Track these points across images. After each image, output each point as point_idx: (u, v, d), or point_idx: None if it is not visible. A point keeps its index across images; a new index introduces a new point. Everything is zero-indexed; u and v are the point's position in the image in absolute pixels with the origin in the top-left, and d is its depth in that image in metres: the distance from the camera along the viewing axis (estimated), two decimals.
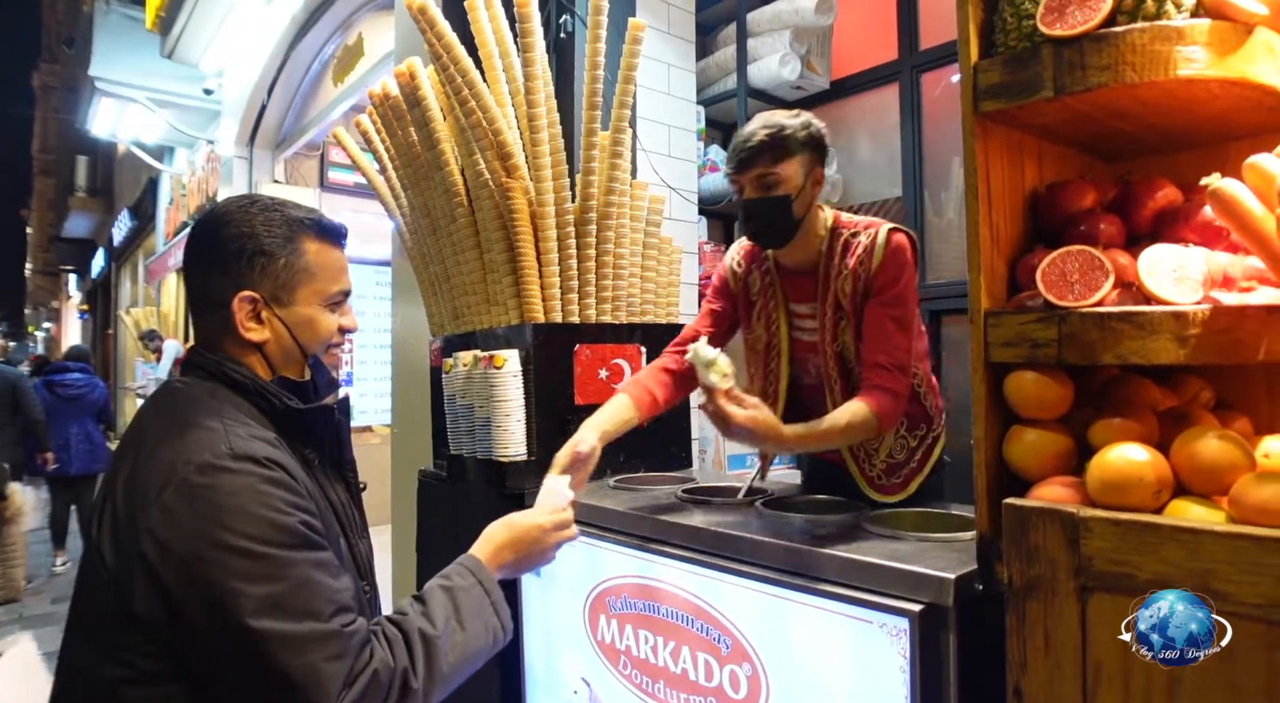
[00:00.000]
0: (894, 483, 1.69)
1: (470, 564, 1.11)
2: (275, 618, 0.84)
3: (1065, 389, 1.11)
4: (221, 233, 1.01)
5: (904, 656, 1.15)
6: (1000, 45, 1.13)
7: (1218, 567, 0.88)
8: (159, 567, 0.84)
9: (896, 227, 1.59)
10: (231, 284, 1.00)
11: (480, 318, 2.28)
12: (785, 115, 1.59)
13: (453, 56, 2.05)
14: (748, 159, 1.56)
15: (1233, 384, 1.28)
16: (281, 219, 1.03)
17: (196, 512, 0.85)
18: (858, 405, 1.49)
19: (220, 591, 0.83)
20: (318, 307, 1.06)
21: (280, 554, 0.86)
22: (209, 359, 1.02)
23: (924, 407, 1.71)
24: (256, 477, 0.89)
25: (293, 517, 0.89)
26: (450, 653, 0.99)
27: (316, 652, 0.85)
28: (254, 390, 1.00)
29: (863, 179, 3.58)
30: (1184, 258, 1.02)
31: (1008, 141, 1.20)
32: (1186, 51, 0.99)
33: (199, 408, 0.96)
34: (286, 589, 0.85)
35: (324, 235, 1.07)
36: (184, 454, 0.89)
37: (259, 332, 1.02)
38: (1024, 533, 1.04)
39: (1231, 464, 0.95)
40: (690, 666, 1.51)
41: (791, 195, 1.55)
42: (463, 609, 1.03)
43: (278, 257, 1.02)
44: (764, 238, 1.65)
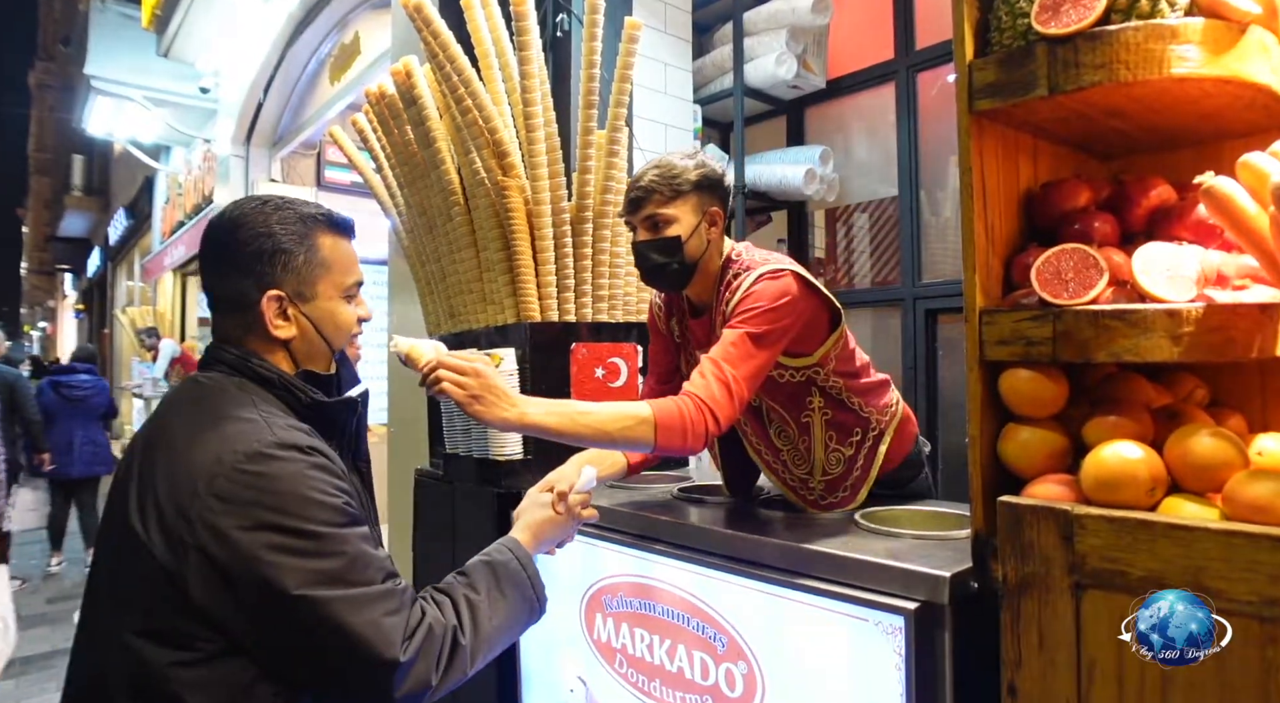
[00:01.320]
0: (841, 497, 1.61)
1: (509, 542, 1.21)
2: (337, 587, 0.90)
3: (1060, 387, 1.11)
4: (239, 234, 1.04)
5: (899, 653, 1.15)
6: (995, 44, 1.13)
7: (1211, 564, 0.88)
8: (217, 554, 0.88)
9: (773, 269, 1.47)
10: (256, 284, 1.03)
11: (476, 317, 2.28)
12: (681, 155, 1.55)
13: (449, 55, 2.05)
14: (636, 200, 1.54)
15: (1226, 382, 1.28)
16: (295, 216, 1.06)
17: (250, 499, 0.89)
18: (636, 407, 1.36)
19: (281, 569, 0.88)
20: (337, 299, 1.10)
21: (334, 532, 0.92)
22: (232, 354, 1.04)
23: (856, 414, 1.61)
24: (303, 463, 0.94)
25: (338, 498, 0.95)
26: (493, 617, 1.07)
27: (377, 608, 0.92)
28: (280, 385, 1.04)
29: (859, 178, 3.59)
30: (1178, 256, 1.02)
31: (1003, 140, 1.20)
32: (1180, 50, 0.99)
33: (230, 401, 0.99)
34: (344, 564, 0.92)
35: (336, 229, 1.11)
36: (229, 444, 0.92)
37: (286, 328, 1.06)
38: (1019, 531, 1.04)
39: (1225, 462, 0.96)
40: (686, 664, 1.51)
41: (682, 237, 1.52)
42: (502, 581, 1.12)
43: (297, 253, 1.05)
44: (657, 280, 1.59)
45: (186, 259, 9.18)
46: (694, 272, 1.56)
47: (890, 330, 3.30)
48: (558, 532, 1.32)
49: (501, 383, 1.27)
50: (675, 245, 1.52)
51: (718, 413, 1.36)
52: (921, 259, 3.17)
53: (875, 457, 1.62)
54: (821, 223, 3.78)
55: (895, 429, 1.66)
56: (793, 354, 1.53)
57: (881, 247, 3.52)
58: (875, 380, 1.66)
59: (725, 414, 1.37)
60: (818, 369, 1.56)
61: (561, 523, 1.32)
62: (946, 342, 3.09)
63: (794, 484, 1.65)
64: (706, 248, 1.56)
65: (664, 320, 1.78)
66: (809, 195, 3.45)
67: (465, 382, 1.24)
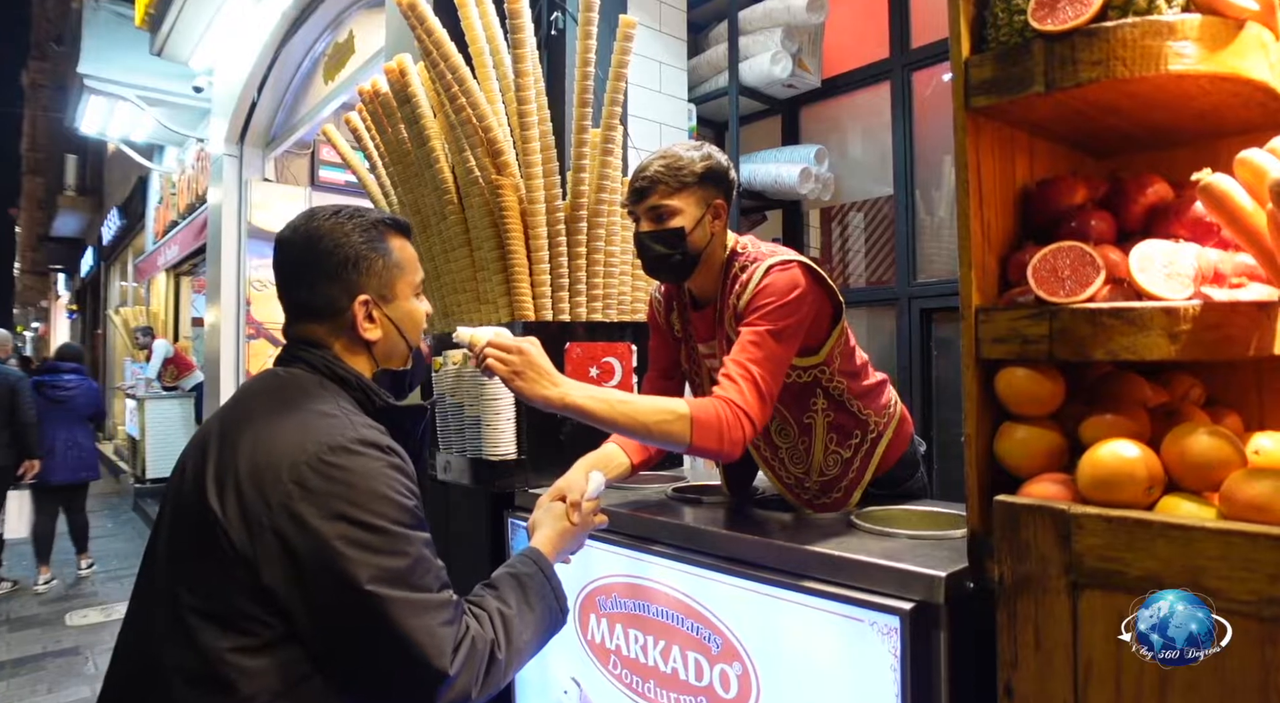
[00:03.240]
0: (835, 498, 1.61)
1: (532, 555, 1.23)
2: (400, 588, 0.92)
3: (1056, 385, 1.11)
4: (322, 245, 1.08)
5: (895, 654, 1.15)
6: (991, 41, 1.12)
7: (1209, 564, 0.88)
8: (294, 540, 0.90)
9: (782, 260, 1.47)
10: (345, 291, 1.08)
11: (471, 316, 2.26)
12: (686, 147, 1.55)
13: (442, 53, 2.04)
14: (641, 191, 1.53)
15: (1222, 381, 1.28)
16: (368, 223, 1.11)
17: (331, 489, 0.92)
18: (674, 403, 1.38)
19: (352, 561, 0.90)
20: (412, 298, 1.15)
21: (404, 532, 0.95)
22: (315, 355, 1.08)
23: (857, 417, 1.60)
24: (382, 462, 0.97)
25: (410, 499, 0.98)
26: (524, 631, 1.09)
27: (435, 616, 0.94)
28: (356, 386, 1.08)
29: (854, 178, 3.59)
30: (1175, 254, 1.02)
31: (999, 137, 1.19)
32: (1177, 47, 0.98)
33: (313, 396, 1.03)
34: (409, 564, 0.94)
35: (401, 231, 1.16)
36: (313, 436, 0.95)
37: (374, 330, 1.10)
38: (1015, 530, 1.03)
39: (1222, 460, 0.95)
40: (680, 665, 1.51)
41: (685, 228, 1.51)
42: (530, 593, 1.14)
43: (376, 259, 1.10)
44: (660, 272, 1.59)
45: (180, 259, 9.15)
46: (697, 263, 1.55)
47: (885, 330, 3.30)
48: (574, 541, 1.36)
49: (545, 363, 1.33)
50: (679, 237, 1.51)
51: (753, 417, 1.37)
52: (916, 258, 3.17)
53: (871, 459, 1.62)
54: (816, 222, 3.78)
55: (893, 430, 1.65)
56: (801, 352, 1.52)
57: (876, 246, 3.52)
58: (874, 381, 1.66)
59: (760, 417, 1.39)
60: (823, 368, 1.56)
61: (577, 532, 1.35)
62: (941, 341, 3.09)
63: (789, 482, 1.64)
64: (710, 240, 1.55)
65: (664, 315, 1.77)
66: (804, 195, 3.44)
67: (509, 359, 1.31)
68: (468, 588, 1.18)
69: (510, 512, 1.99)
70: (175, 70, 6.47)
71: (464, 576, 2.16)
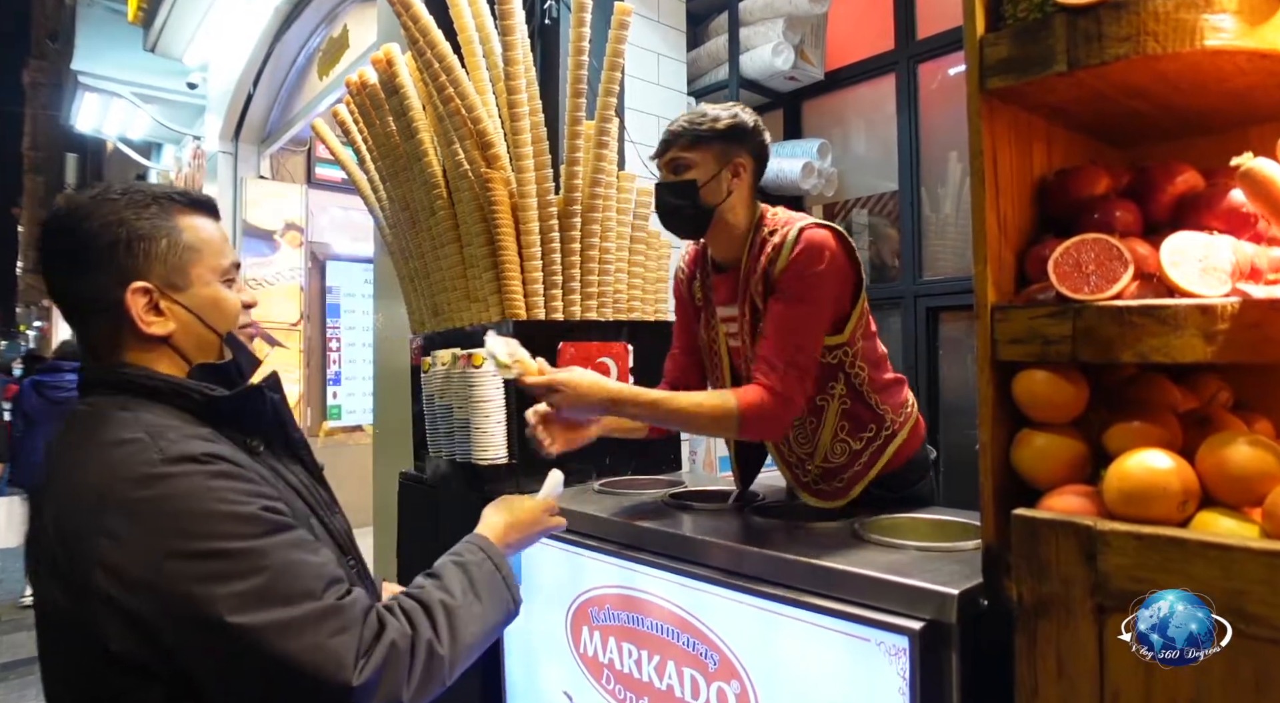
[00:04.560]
0: (834, 487, 1.60)
1: (478, 541, 1.14)
2: (265, 609, 0.80)
3: (1079, 390, 1.02)
4: (86, 225, 0.91)
5: (903, 677, 1.08)
6: (1009, 17, 1.04)
7: (1252, 587, 0.79)
8: (122, 598, 0.78)
9: (815, 222, 1.51)
10: (117, 279, 0.91)
11: (461, 315, 2.19)
12: (717, 107, 1.57)
13: (429, 40, 1.96)
14: (664, 143, 1.57)
15: (1250, 383, 1.19)
16: (147, 198, 0.95)
17: (147, 528, 0.79)
18: (722, 395, 1.47)
19: (198, 600, 0.78)
20: (216, 284, 0.99)
21: (252, 545, 0.82)
22: (108, 372, 0.93)
23: (873, 409, 1.58)
24: (201, 474, 0.83)
25: (251, 505, 0.84)
26: (471, 623, 0.99)
27: (319, 630, 0.82)
28: (170, 392, 0.92)
29: (857, 173, 3.51)
30: (1210, 247, 0.93)
31: (1015, 122, 1.11)
32: (1215, 20, 0.90)
33: (110, 424, 0.87)
34: (269, 579, 0.81)
35: (197, 208, 1.00)
36: (112, 473, 0.81)
37: (161, 324, 0.94)
38: (1035, 547, 0.95)
39: (1266, 472, 0.87)
40: (676, 682, 1.43)
41: (698, 181, 1.53)
42: (477, 582, 1.05)
43: (158, 239, 0.93)
44: (670, 222, 1.61)
45: None
46: (710, 218, 1.56)
47: (890, 329, 3.21)
48: (526, 537, 1.28)
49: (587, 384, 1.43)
50: (690, 189, 1.53)
51: (795, 400, 1.45)
52: (922, 255, 3.09)
53: (881, 456, 1.59)
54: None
55: (909, 430, 1.63)
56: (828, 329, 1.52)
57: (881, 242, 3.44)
58: (893, 377, 1.65)
59: (803, 396, 1.47)
60: (847, 350, 1.55)
61: (530, 528, 1.29)
62: (948, 340, 3.01)
63: (791, 461, 1.64)
64: (727, 197, 1.55)
65: (687, 284, 1.77)
66: (806, 190, 3.36)
67: (554, 399, 1.44)
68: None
69: None
70: (169, 67, 6.41)
71: None
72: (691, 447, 2.95)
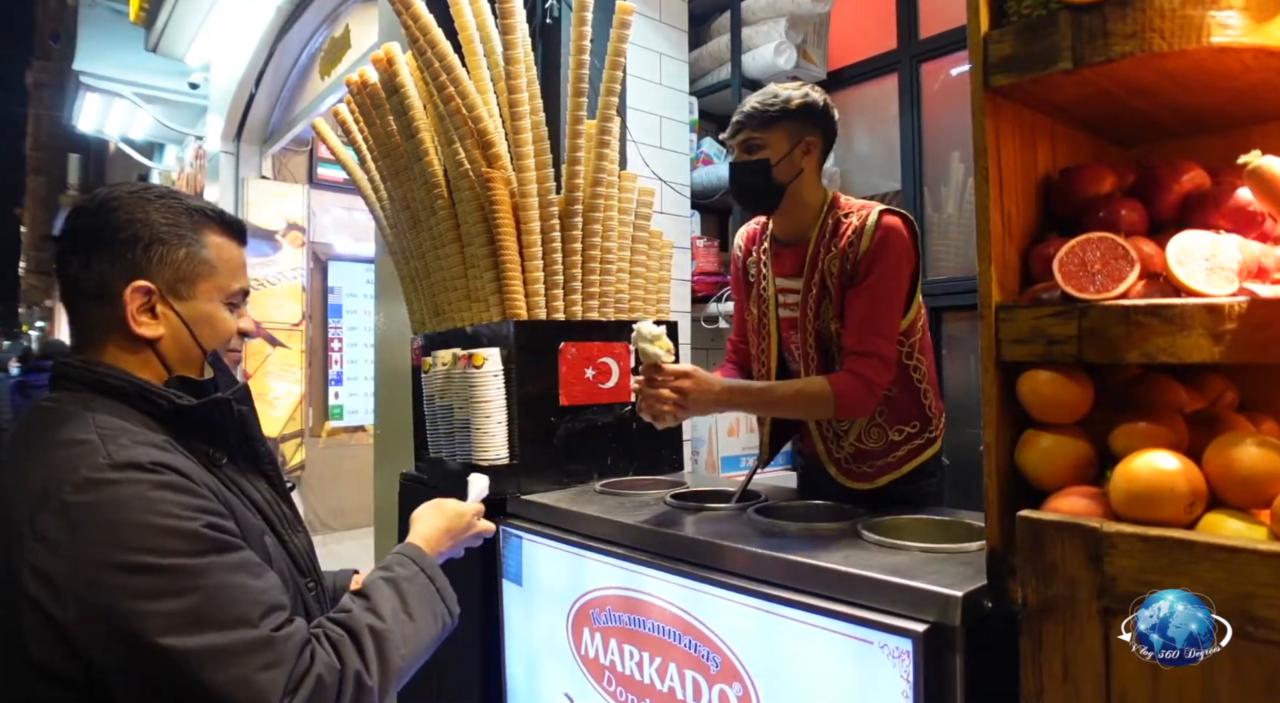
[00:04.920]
0: (864, 470, 1.65)
1: (411, 553, 1.11)
2: (195, 633, 0.77)
3: (1084, 390, 1.02)
4: (112, 218, 0.93)
5: (907, 679, 1.06)
6: (1013, 14, 1.03)
7: (1260, 590, 0.79)
8: (49, 605, 0.75)
9: (891, 209, 1.59)
10: (123, 273, 0.92)
11: (462, 315, 2.18)
12: (789, 87, 1.64)
13: (429, 39, 1.95)
14: (737, 125, 1.64)
15: (1256, 383, 1.18)
16: (182, 208, 0.97)
17: (81, 535, 0.76)
18: (817, 380, 1.55)
19: (125, 616, 0.75)
20: (218, 303, 1.00)
21: (187, 563, 0.78)
22: (76, 368, 0.92)
23: (920, 403, 1.65)
24: (145, 483, 0.80)
25: (194, 521, 0.81)
26: (402, 646, 0.96)
27: (247, 663, 0.78)
28: (134, 394, 0.91)
29: (860, 172, 3.50)
30: (1217, 246, 0.93)
31: (1019, 120, 1.10)
32: (1221, 16, 0.89)
33: (68, 423, 0.86)
34: (201, 601, 0.78)
35: (227, 229, 1.02)
36: (55, 474, 0.80)
37: (152, 327, 0.94)
38: (1040, 549, 0.94)
39: (1273, 474, 0.86)
40: (678, 684, 1.43)
41: (770, 160, 1.60)
42: (409, 599, 1.01)
43: (178, 246, 0.95)
44: (744, 200, 1.71)
45: None
46: (782, 195, 1.64)
47: None
48: (455, 544, 1.27)
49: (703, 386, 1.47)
50: (764, 168, 1.60)
51: (882, 382, 1.54)
52: (925, 255, 3.08)
53: (919, 456, 1.67)
54: None
55: (942, 438, 1.72)
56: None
57: None
58: (935, 379, 1.72)
59: (888, 379, 1.56)
60: (902, 338, 1.61)
61: (460, 535, 1.28)
62: (952, 341, 3.00)
63: (828, 434, 1.71)
64: (799, 175, 1.63)
65: (742, 259, 1.86)
66: None
67: (684, 385, 1.46)
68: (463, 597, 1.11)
69: (502, 519, 1.90)
70: (171, 67, 6.41)
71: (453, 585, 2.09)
72: (693, 447, 2.94)
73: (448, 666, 2.10)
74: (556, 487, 2.00)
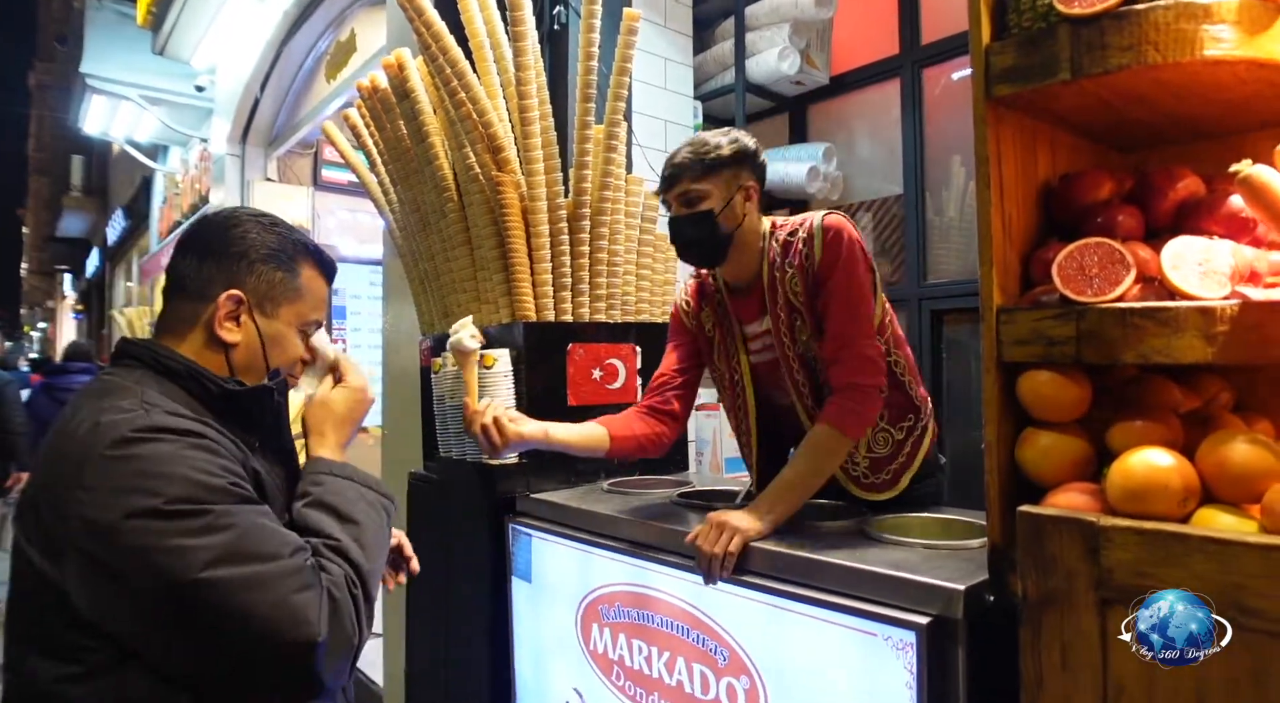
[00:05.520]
0: (882, 479, 1.63)
1: (320, 468, 1.07)
2: (233, 565, 0.83)
3: (1083, 390, 1.05)
4: (232, 231, 1.04)
5: (910, 671, 1.10)
6: (1014, 26, 1.07)
7: (1250, 581, 0.82)
8: (94, 549, 0.82)
9: (828, 211, 1.56)
10: (224, 280, 1.02)
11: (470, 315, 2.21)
12: (714, 134, 1.57)
13: (441, 46, 1.99)
14: (670, 177, 1.57)
15: (1250, 384, 1.22)
16: (290, 239, 1.08)
17: (120, 484, 0.83)
18: (814, 432, 1.48)
19: (168, 553, 0.81)
20: (294, 328, 1.09)
21: (219, 507, 0.86)
22: (139, 347, 1.00)
23: (909, 395, 1.63)
24: (178, 444, 0.88)
25: (222, 478, 0.88)
26: (365, 549, 1.00)
27: (284, 586, 0.85)
28: (186, 375, 0.98)
29: (862, 176, 3.53)
30: (1210, 251, 0.96)
31: (1020, 128, 1.14)
32: (1214, 30, 0.93)
33: (115, 393, 0.93)
34: (235, 537, 0.85)
35: (321, 265, 1.12)
36: (99, 435, 0.86)
37: (233, 332, 1.03)
38: (1040, 543, 0.98)
39: (1264, 470, 0.89)
40: (686, 678, 1.46)
41: (714, 210, 1.53)
42: (341, 507, 1.02)
43: (277, 269, 1.05)
44: (692, 255, 1.62)
45: None
46: (729, 245, 1.57)
47: None
48: (354, 428, 1.16)
49: (738, 517, 1.38)
50: (708, 219, 1.54)
51: (873, 383, 1.49)
52: (926, 258, 3.11)
53: (921, 446, 1.64)
54: None
55: (933, 423, 1.69)
56: None
57: (886, 246, 3.46)
58: (914, 366, 1.70)
59: (881, 375, 1.50)
60: (877, 337, 1.58)
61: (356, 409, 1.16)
62: (952, 343, 3.03)
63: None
64: (741, 221, 1.57)
65: (693, 317, 1.77)
66: (812, 194, 3.39)
67: (722, 539, 1.35)
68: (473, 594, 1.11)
69: (511, 517, 1.94)
70: (177, 69, 6.44)
71: (465, 582, 2.12)
72: (697, 448, 2.97)
73: (457, 661, 2.13)
74: (565, 486, 2.03)
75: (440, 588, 2.16)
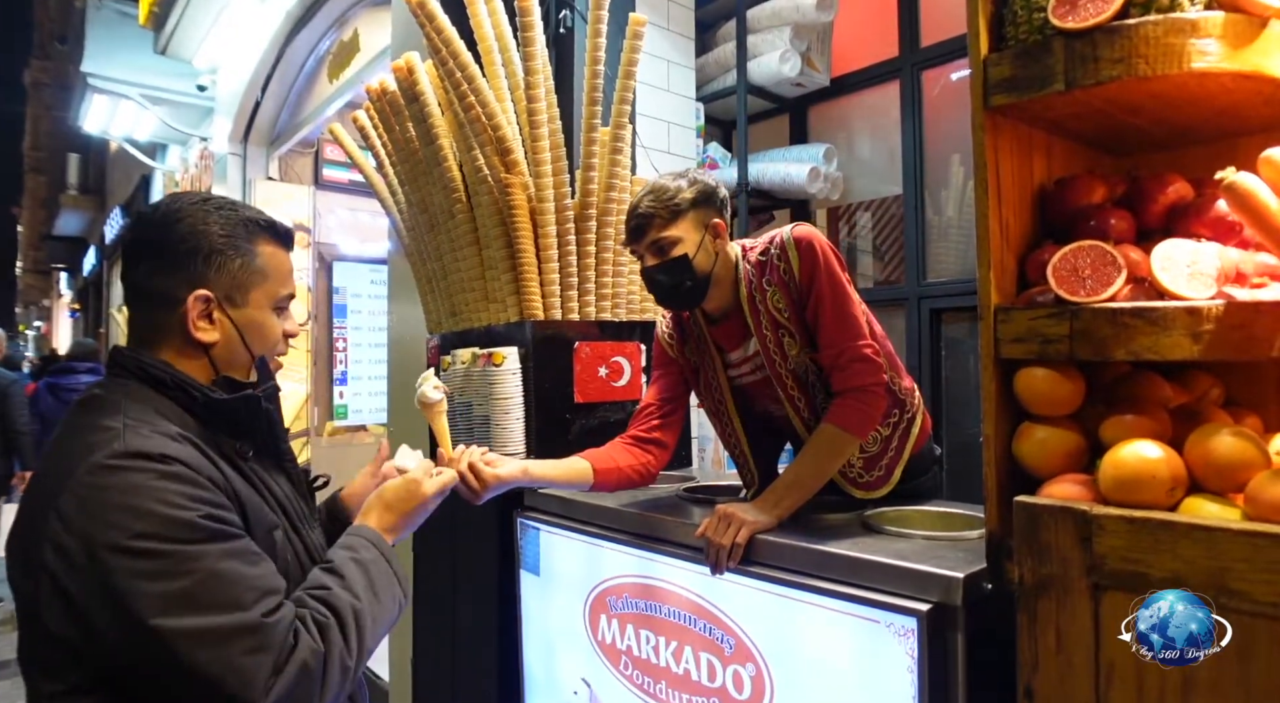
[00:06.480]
0: (876, 477, 1.64)
1: (370, 536, 1.10)
2: (186, 614, 0.82)
3: (1076, 386, 1.10)
4: (175, 230, 0.99)
5: (911, 656, 1.14)
6: (1011, 38, 1.12)
7: (1234, 565, 0.87)
8: (63, 576, 0.83)
9: (793, 225, 1.57)
10: (186, 282, 0.99)
11: (479, 315, 2.26)
12: (671, 176, 1.57)
13: (451, 51, 2.03)
14: (638, 228, 1.55)
15: (1242, 381, 1.27)
16: (237, 219, 1.03)
17: (90, 515, 0.83)
18: (821, 430, 1.49)
19: (123, 593, 0.81)
20: (267, 310, 1.06)
21: (182, 549, 0.84)
22: (127, 357, 0.99)
23: (892, 390, 1.63)
24: (151, 473, 0.86)
25: (192, 511, 0.86)
26: (373, 627, 0.99)
27: (234, 645, 0.83)
28: (173, 385, 0.98)
29: (862, 177, 3.57)
30: (1197, 253, 1.01)
31: (1017, 136, 1.19)
32: (1200, 44, 0.97)
33: (104, 410, 0.93)
34: (193, 584, 0.83)
35: (277, 238, 1.08)
36: (79, 458, 0.87)
37: (209, 332, 1.01)
38: (1035, 531, 1.03)
39: (1247, 461, 0.94)
40: (693, 666, 1.50)
41: (689, 254, 1.53)
42: (376, 583, 1.03)
43: (233, 257, 1.01)
44: (675, 302, 1.62)
45: None
46: (708, 286, 1.57)
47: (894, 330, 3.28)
48: (406, 523, 1.19)
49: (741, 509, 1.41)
50: (684, 265, 1.53)
51: (874, 381, 1.50)
52: (925, 258, 3.15)
53: (908, 438, 1.66)
54: (824, 222, 3.77)
55: (921, 414, 1.70)
56: None
57: (885, 245, 3.51)
58: (896, 361, 1.70)
59: (881, 375, 1.51)
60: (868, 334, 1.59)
61: (410, 513, 1.19)
62: (950, 341, 3.08)
63: None
64: (715, 259, 1.57)
65: (677, 349, 1.78)
66: (812, 194, 3.43)
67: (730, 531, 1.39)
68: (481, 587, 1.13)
69: (519, 512, 1.98)
70: (179, 69, 6.45)
71: (472, 577, 2.16)
72: (700, 444, 3.01)
73: (466, 654, 2.18)
74: None
75: (448, 582, 2.20)
